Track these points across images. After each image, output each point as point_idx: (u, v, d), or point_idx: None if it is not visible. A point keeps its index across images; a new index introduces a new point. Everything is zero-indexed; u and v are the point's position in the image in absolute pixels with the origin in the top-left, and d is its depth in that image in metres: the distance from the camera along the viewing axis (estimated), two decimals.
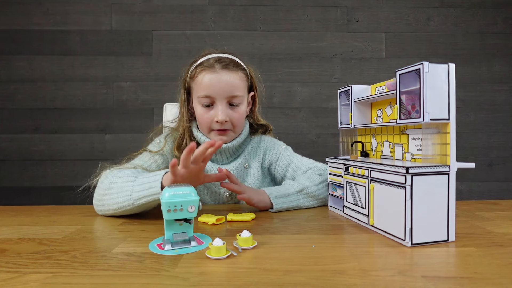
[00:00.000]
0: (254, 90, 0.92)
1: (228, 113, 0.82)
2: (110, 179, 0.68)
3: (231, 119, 0.82)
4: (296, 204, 0.74)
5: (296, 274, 0.39)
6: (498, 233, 0.55)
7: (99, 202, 0.69)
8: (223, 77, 0.80)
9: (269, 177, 0.95)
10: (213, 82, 0.80)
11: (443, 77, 0.49)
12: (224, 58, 0.83)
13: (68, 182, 1.70)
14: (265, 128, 0.97)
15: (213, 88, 0.80)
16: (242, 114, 0.85)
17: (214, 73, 0.80)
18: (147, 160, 0.82)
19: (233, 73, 0.82)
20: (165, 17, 1.71)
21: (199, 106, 0.83)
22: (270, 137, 0.96)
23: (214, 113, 0.81)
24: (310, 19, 1.74)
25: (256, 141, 0.93)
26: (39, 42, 1.68)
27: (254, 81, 0.91)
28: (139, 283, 0.37)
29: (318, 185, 0.78)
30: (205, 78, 0.80)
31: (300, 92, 1.75)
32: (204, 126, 0.84)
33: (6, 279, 0.38)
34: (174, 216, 0.48)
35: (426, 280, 0.37)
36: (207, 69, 0.81)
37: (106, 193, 0.67)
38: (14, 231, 0.59)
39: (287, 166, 0.89)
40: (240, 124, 0.86)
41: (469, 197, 1.76)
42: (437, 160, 0.51)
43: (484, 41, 1.76)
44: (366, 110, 0.72)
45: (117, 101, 1.71)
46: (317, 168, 0.85)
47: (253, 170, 0.89)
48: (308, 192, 0.76)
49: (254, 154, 0.91)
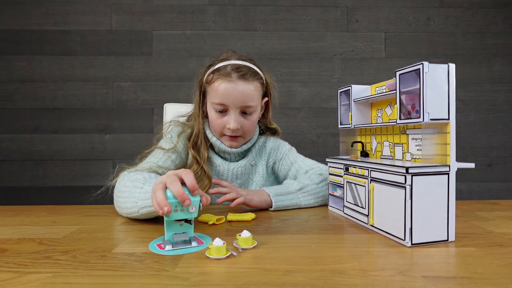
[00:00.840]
0: (268, 96, 0.93)
1: (240, 121, 0.83)
2: (124, 182, 0.68)
3: (243, 127, 0.84)
4: (296, 202, 0.75)
5: (296, 274, 0.39)
6: (498, 233, 0.55)
7: (116, 203, 0.70)
8: (238, 87, 0.80)
9: (273, 176, 0.97)
10: (229, 91, 0.80)
11: (443, 77, 0.49)
12: (242, 67, 0.83)
13: (68, 182, 1.70)
14: (274, 130, 0.99)
15: (228, 97, 0.81)
16: (253, 122, 0.87)
17: (230, 82, 0.80)
18: (161, 157, 0.83)
19: (250, 84, 0.82)
20: (165, 17, 1.71)
21: (213, 111, 0.84)
22: (275, 138, 0.98)
23: (227, 120, 0.83)
24: (310, 19, 1.74)
25: (263, 141, 0.95)
26: (39, 42, 1.68)
27: (269, 88, 0.93)
28: (139, 283, 0.37)
29: (318, 184, 0.79)
30: (221, 86, 0.81)
31: (300, 92, 1.75)
32: (216, 131, 0.86)
33: (6, 279, 0.38)
34: (175, 217, 0.48)
35: (426, 280, 0.37)
36: (224, 77, 0.81)
37: (120, 195, 0.67)
38: (14, 231, 0.59)
39: (290, 166, 0.91)
40: (251, 131, 0.88)
41: (469, 197, 1.76)
42: (437, 160, 0.51)
43: (484, 41, 1.76)
44: (366, 110, 0.72)
45: (117, 101, 1.71)
46: (319, 168, 0.87)
47: (259, 168, 0.92)
48: (307, 191, 0.77)
49: (260, 153, 0.94)
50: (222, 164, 0.88)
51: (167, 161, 0.83)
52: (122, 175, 0.72)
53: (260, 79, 0.86)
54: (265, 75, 0.90)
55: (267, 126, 0.97)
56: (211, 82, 0.83)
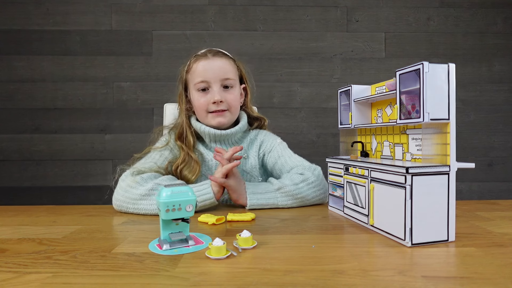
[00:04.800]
0: (245, 82, 0.99)
1: (222, 94, 0.88)
2: (152, 182, 0.73)
3: (226, 100, 0.89)
4: (273, 202, 0.75)
5: (296, 274, 0.39)
6: (498, 233, 0.55)
7: (131, 205, 0.72)
8: (215, 62, 0.89)
9: (262, 168, 0.98)
10: (207, 67, 0.88)
11: (443, 77, 0.49)
12: (214, 49, 0.93)
13: (68, 182, 1.70)
14: (260, 121, 1.02)
15: (207, 72, 0.88)
16: (236, 96, 0.92)
17: (207, 59, 0.89)
18: (158, 158, 0.86)
19: (224, 59, 0.91)
20: (165, 17, 1.71)
21: (196, 93, 0.90)
22: (267, 131, 1.01)
23: (210, 96, 0.88)
24: (310, 19, 1.74)
25: (254, 134, 0.98)
26: (39, 42, 1.68)
27: (243, 73, 0.98)
28: (139, 283, 0.37)
29: (298, 184, 0.77)
30: (199, 66, 0.89)
31: (300, 92, 1.75)
32: (202, 110, 0.90)
33: (6, 279, 0.38)
34: (172, 216, 0.48)
35: (426, 280, 0.37)
36: (201, 57, 0.90)
37: (149, 194, 0.71)
38: (14, 231, 0.59)
39: (277, 159, 0.92)
40: (236, 105, 0.92)
41: (469, 197, 1.76)
42: (437, 160, 0.51)
43: (484, 41, 1.76)
44: (366, 110, 0.72)
45: (117, 101, 1.71)
46: (302, 166, 0.85)
47: (251, 160, 0.94)
48: (286, 191, 0.75)
49: (252, 145, 0.96)
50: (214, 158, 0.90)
51: (164, 162, 0.86)
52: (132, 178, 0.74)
53: (232, 60, 0.94)
54: (238, 62, 0.97)
55: (251, 114, 1.00)
56: (190, 68, 0.91)
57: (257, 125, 1.01)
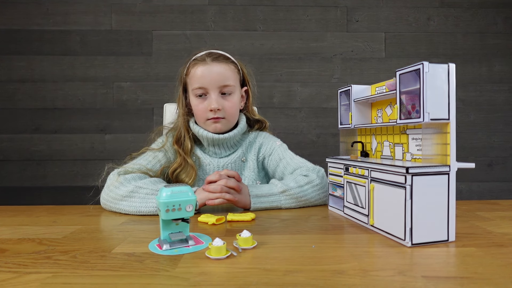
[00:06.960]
0: (246, 85, 0.97)
1: (220, 102, 0.86)
2: (133, 184, 0.72)
3: (224, 108, 0.87)
4: (277, 204, 0.74)
5: (296, 274, 0.39)
6: (498, 233, 0.55)
7: (114, 204, 0.73)
8: (213, 68, 0.86)
9: (263, 171, 0.97)
10: (205, 74, 0.86)
11: (443, 77, 0.49)
12: (214, 53, 0.90)
13: (68, 182, 1.70)
14: (261, 123, 1.01)
15: (205, 79, 0.86)
16: (234, 103, 0.89)
17: (205, 65, 0.86)
18: (151, 160, 0.86)
19: (223, 64, 0.88)
20: (165, 17, 1.71)
21: (194, 98, 0.88)
22: (266, 133, 0.99)
23: (208, 103, 0.86)
24: (310, 19, 1.74)
25: (253, 136, 0.96)
26: (39, 42, 1.68)
27: (245, 75, 0.96)
28: (139, 283, 0.37)
29: (303, 186, 0.77)
30: (198, 71, 0.86)
31: (300, 92, 1.75)
32: (200, 117, 0.89)
33: (6, 279, 0.38)
34: (172, 216, 0.48)
35: (426, 280, 0.37)
36: (199, 62, 0.87)
37: (129, 196, 0.71)
38: (14, 231, 0.59)
39: (278, 162, 0.91)
40: (234, 113, 0.90)
41: (469, 197, 1.76)
42: (437, 160, 0.51)
43: (484, 41, 1.76)
44: (366, 110, 0.72)
45: (117, 101, 1.71)
46: (306, 167, 0.85)
47: (249, 163, 0.93)
48: (291, 194, 0.75)
49: (251, 148, 0.95)
50: (211, 162, 0.90)
51: (156, 165, 0.86)
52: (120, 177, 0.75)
53: (233, 63, 0.92)
54: (239, 62, 0.94)
55: (252, 117, 0.99)
56: (189, 72, 0.89)
57: (257, 127, 1.00)
